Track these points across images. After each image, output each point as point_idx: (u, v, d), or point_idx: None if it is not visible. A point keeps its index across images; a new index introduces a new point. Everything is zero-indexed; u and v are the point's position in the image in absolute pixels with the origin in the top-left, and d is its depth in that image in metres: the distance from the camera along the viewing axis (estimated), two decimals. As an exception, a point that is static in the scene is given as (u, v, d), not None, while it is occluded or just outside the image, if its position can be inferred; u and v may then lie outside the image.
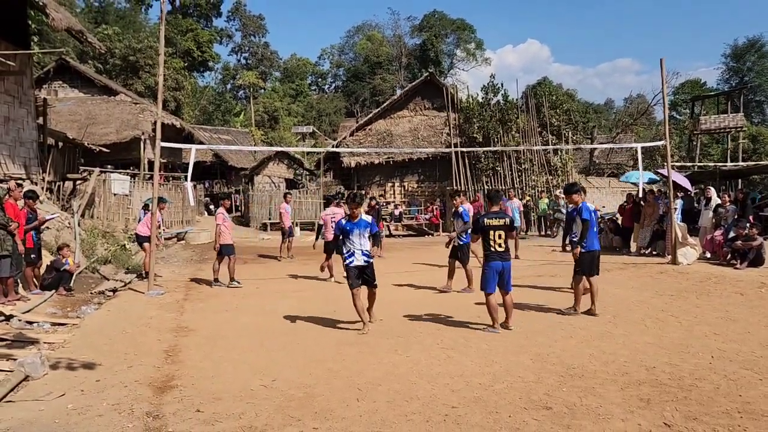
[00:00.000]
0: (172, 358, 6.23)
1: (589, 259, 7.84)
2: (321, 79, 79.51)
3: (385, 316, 8.10)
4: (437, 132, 25.69)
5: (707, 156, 39.45)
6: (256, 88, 61.66)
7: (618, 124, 40.11)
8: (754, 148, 41.07)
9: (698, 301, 8.87)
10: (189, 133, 30.25)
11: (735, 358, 5.91)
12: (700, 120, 32.72)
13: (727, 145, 35.75)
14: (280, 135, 52.78)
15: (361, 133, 26.45)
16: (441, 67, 64.23)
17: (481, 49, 69.91)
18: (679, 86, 48.91)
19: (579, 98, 56.51)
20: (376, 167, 25.59)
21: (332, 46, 79.16)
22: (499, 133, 23.66)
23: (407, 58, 66.69)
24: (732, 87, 52.39)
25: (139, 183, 21.37)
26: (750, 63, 62.55)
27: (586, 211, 7.81)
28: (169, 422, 4.44)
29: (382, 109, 27.11)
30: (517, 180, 23.55)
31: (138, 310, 8.73)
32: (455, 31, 68.13)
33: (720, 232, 13.30)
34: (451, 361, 6.00)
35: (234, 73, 67.90)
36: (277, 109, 56.64)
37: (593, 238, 7.87)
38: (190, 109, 46.95)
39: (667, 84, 13.57)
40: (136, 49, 38.83)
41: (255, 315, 8.37)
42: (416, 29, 68.98)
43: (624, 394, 4.92)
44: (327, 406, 4.75)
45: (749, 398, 4.77)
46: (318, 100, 69.52)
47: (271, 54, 71.70)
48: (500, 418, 4.47)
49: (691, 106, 40.75)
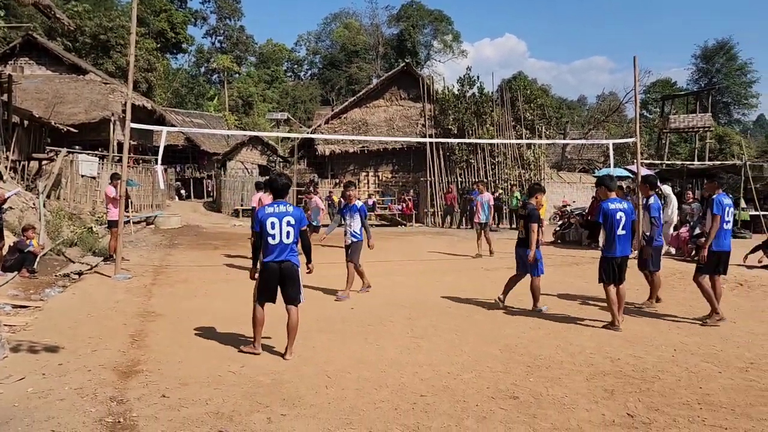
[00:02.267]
0: (138, 342, 6.13)
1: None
2: (297, 65, 78.82)
3: (357, 305, 8.10)
4: (412, 122, 25.71)
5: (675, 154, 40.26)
6: (231, 72, 60.75)
7: (590, 121, 40.70)
8: (720, 148, 42.04)
9: (662, 295, 9.04)
10: (161, 116, 29.73)
11: (696, 351, 6.05)
12: (669, 119, 33.36)
13: (695, 144, 36.51)
14: (254, 121, 52.24)
15: (337, 121, 26.34)
16: (418, 58, 64.18)
17: (458, 41, 70.13)
18: (651, 85, 49.78)
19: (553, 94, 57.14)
20: (351, 156, 25.54)
21: (309, 33, 78.57)
22: (474, 125, 23.76)
23: (384, 47, 66.52)
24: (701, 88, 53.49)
25: (107, 165, 20.94)
26: (719, 65, 63.85)
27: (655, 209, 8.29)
28: (133, 407, 4.37)
29: (357, 97, 27.03)
30: (491, 173, 23.70)
31: (104, 294, 8.57)
32: (432, 22, 68.13)
33: (685, 229, 13.59)
34: (421, 350, 6.03)
35: (208, 56, 66.77)
36: (251, 94, 56.01)
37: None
38: (162, 91, 46.12)
39: (639, 82, 13.77)
40: (107, 27, 37.92)
41: (225, 301, 8.28)
42: (394, 19, 68.83)
43: (589, 385, 5.00)
44: (295, 393, 4.73)
45: (709, 390, 4.89)
46: (293, 86, 68.91)
47: (246, 38, 70.69)
48: (468, 406, 4.50)
49: (661, 105, 41.51)
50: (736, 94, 64.83)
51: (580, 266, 11.97)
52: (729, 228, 7.37)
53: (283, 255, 5.59)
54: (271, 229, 5.53)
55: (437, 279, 10.57)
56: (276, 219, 5.54)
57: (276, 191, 5.80)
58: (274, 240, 5.54)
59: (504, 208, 22.68)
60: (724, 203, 7.28)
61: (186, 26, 57.71)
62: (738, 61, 63.94)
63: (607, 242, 7.05)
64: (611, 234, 6.94)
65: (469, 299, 8.67)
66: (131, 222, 17.10)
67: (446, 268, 11.85)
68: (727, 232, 7.34)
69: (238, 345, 6.01)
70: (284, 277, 5.62)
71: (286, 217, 5.56)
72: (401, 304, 8.26)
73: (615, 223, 6.88)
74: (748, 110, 68.78)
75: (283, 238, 5.56)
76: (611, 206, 6.97)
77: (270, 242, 5.55)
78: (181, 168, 38.18)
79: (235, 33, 69.19)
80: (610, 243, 6.98)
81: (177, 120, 37.02)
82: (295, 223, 5.60)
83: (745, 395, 4.79)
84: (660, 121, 36.30)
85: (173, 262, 11.92)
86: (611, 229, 6.92)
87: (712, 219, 7.18)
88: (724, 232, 7.25)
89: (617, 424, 4.21)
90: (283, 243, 5.57)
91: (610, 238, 6.97)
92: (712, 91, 46.26)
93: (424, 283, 10.16)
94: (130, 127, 10.51)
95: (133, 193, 20.84)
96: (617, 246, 6.93)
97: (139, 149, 28.67)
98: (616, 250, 6.93)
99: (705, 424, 4.23)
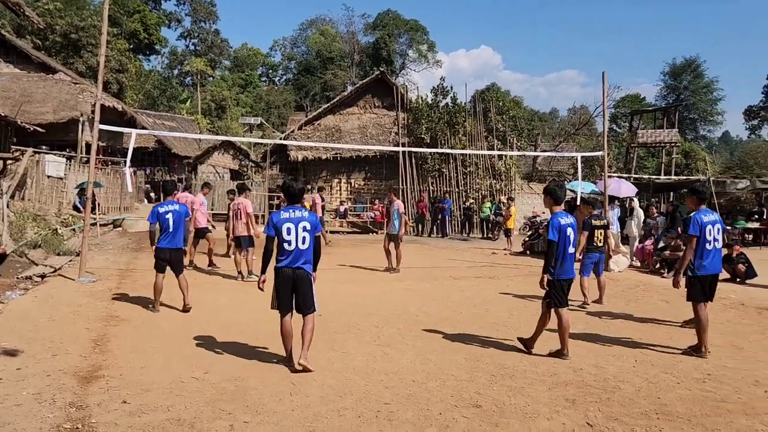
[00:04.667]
0: (100, 347, 6.03)
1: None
2: (272, 70, 78.43)
3: (325, 312, 8.07)
4: (386, 131, 25.76)
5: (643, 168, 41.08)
6: (205, 75, 60.14)
7: (561, 133, 41.28)
8: (686, 164, 43.00)
9: (627, 307, 9.24)
10: (131, 117, 29.24)
11: (657, 362, 6.18)
12: (638, 133, 34.00)
13: (662, 158, 37.31)
14: (227, 125, 51.80)
15: (310, 127, 26.25)
16: (393, 67, 64.43)
17: (433, 51, 70.53)
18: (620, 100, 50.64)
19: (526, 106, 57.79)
20: (324, 162, 25.45)
21: (284, 38, 78.27)
22: (447, 135, 23.92)
23: (359, 55, 66.67)
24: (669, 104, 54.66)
25: (75, 166, 20.55)
26: (686, 82, 65.49)
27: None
28: (93, 413, 4.30)
29: (331, 104, 26.99)
30: (462, 182, 23.89)
31: (67, 297, 8.40)
32: (408, 31, 68.45)
33: (650, 242, 13.88)
34: (387, 358, 6.05)
35: (182, 59, 66.01)
36: (225, 98, 55.53)
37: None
38: (133, 93, 45.43)
39: (608, 97, 14.08)
40: (78, 26, 37.20)
41: (194, 306, 8.16)
42: (370, 27, 69.03)
43: (551, 394, 5.08)
44: (259, 400, 4.70)
45: (667, 400, 5.00)
46: (268, 91, 68.49)
47: (221, 42, 70.10)
48: (431, 415, 4.53)
49: (630, 119, 42.32)
50: (702, 111, 66.50)
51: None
52: (715, 247, 6.48)
53: (298, 262, 5.51)
54: (287, 234, 5.47)
55: (406, 287, 10.60)
56: (292, 224, 5.49)
57: (292, 196, 5.75)
58: (290, 246, 5.49)
59: (474, 217, 22.87)
60: (704, 221, 6.44)
61: (160, 28, 57.03)
62: (704, 78, 65.66)
63: (558, 262, 6.07)
64: (563, 252, 6.07)
65: (438, 307, 8.72)
66: (98, 224, 16.80)
67: (416, 276, 11.90)
68: (712, 252, 6.47)
69: (203, 351, 5.95)
70: (297, 284, 5.52)
71: (302, 223, 5.52)
72: (369, 311, 8.28)
73: (567, 240, 6.09)
74: (713, 127, 70.58)
75: (299, 243, 5.50)
76: (562, 221, 6.09)
77: (286, 248, 5.50)
78: (152, 171, 37.62)
79: (209, 36, 68.58)
80: (562, 262, 6.08)
81: (148, 122, 36.49)
82: (311, 228, 5.57)
83: (702, 406, 4.90)
84: (629, 135, 36.99)
85: (140, 266, 11.73)
86: (563, 246, 6.07)
87: (689, 240, 6.50)
88: (707, 253, 6.44)
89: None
90: (299, 249, 5.51)
91: (561, 257, 6.07)
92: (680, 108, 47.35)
93: (393, 290, 10.19)
94: (99, 129, 10.35)
95: (101, 195, 20.49)
96: (568, 265, 6.16)
97: (108, 151, 28.18)
98: (569, 270, 6.18)
99: (662, 433, 4.32)
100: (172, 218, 8.02)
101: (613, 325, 7.92)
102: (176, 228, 8.05)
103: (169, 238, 8.02)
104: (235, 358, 5.82)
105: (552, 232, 6.04)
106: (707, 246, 6.43)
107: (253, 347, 6.18)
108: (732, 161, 46.66)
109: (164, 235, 8.04)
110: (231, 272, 11.28)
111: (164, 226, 8.03)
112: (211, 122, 50.98)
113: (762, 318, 8.65)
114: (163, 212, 8.04)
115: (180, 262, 8.18)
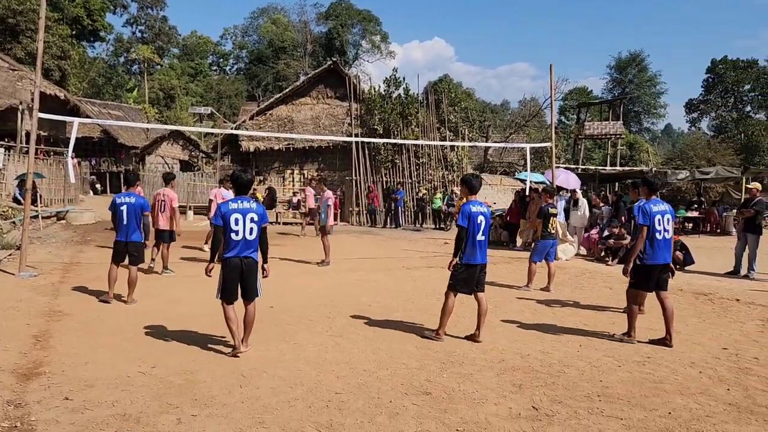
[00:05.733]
0: (41, 343, 5.84)
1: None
2: (222, 59, 77.08)
3: (276, 304, 8.03)
4: (339, 121, 25.64)
5: (590, 159, 42.20)
6: (152, 63, 58.59)
7: (512, 125, 41.96)
8: (631, 155, 44.44)
9: (572, 294, 9.52)
10: (75, 106, 28.25)
11: (600, 346, 6.40)
12: (584, 125, 34.92)
13: (608, 150, 38.40)
14: (176, 114, 50.68)
15: (262, 117, 25.90)
16: (346, 57, 64.20)
17: (387, 42, 70.67)
18: (569, 93, 51.93)
19: (477, 98, 58.53)
20: (276, 153, 25.18)
21: (235, 27, 77.13)
22: (400, 126, 24.00)
23: (312, 45, 66.17)
24: (614, 97, 56.31)
25: (14, 156, 19.75)
26: (631, 75, 67.55)
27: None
28: (32, 411, 4.17)
29: (284, 94, 26.67)
30: (415, 173, 24.04)
31: (6, 292, 8.10)
32: (361, 21, 68.35)
33: (596, 231, 14.30)
34: (339, 348, 6.07)
35: (128, 46, 64.13)
36: (174, 87, 54.29)
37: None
38: (77, 81, 43.90)
39: (556, 89, 14.39)
40: (16, 11, 35.61)
41: (139, 299, 7.99)
42: (322, 17, 68.58)
43: (499, 380, 5.20)
44: (208, 393, 4.65)
45: (608, 383, 5.19)
46: (218, 81, 67.30)
47: (169, 29, 68.35)
48: (381, 403, 4.58)
49: (577, 112, 43.40)
50: (646, 104, 68.87)
51: (498, 265, 12.35)
52: (665, 237, 6.50)
53: (246, 251, 5.60)
54: (235, 225, 5.53)
55: (359, 277, 10.63)
56: (240, 215, 5.55)
57: (240, 187, 5.78)
58: (238, 236, 5.55)
59: (427, 208, 23.07)
60: (653, 211, 6.47)
61: (104, 14, 55.04)
62: (648, 72, 67.87)
63: (467, 248, 6.31)
64: (471, 238, 6.30)
65: (390, 297, 8.79)
66: (40, 217, 16.22)
67: (369, 266, 11.94)
68: (662, 243, 6.49)
69: (151, 345, 5.84)
70: (245, 273, 5.62)
71: (250, 214, 5.57)
72: (321, 302, 8.27)
73: (476, 227, 6.30)
74: (656, 119, 73.31)
75: (246, 234, 5.56)
76: (473, 209, 6.32)
77: (233, 238, 5.55)
78: (97, 161, 36.50)
79: (157, 23, 66.74)
80: (471, 248, 6.31)
81: (93, 111, 35.34)
82: (258, 220, 5.62)
83: (641, 387, 5.11)
84: (576, 127, 37.98)
85: (84, 260, 11.39)
86: (472, 233, 6.29)
87: (640, 230, 6.49)
88: (657, 243, 6.46)
89: (523, 416, 4.40)
90: (246, 239, 5.57)
91: (470, 243, 6.30)
92: (625, 101, 48.83)
93: (346, 281, 10.20)
94: (40, 117, 9.96)
95: (43, 187, 19.76)
96: (478, 252, 6.35)
97: (50, 140, 27.18)
98: (477, 256, 6.35)
99: (603, 414, 4.48)
100: (126, 210, 7.87)
101: (560, 312, 8.15)
102: (129, 220, 7.88)
103: (123, 232, 7.90)
104: (184, 351, 5.73)
105: (462, 219, 6.30)
106: (657, 236, 6.46)
107: (204, 341, 6.10)
108: (673, 153, 48.42)
109: (118, 228, 7.94)
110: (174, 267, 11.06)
111: (119, 217, 7.90)
112: (159, 112, 49.78)
113: (699, 303, 9.04)
114: (119, 203, 7.93)
115: (135, 256, 8.02)
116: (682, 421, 4.38)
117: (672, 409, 4.60)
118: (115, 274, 7.92)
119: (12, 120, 23.05)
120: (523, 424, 4.26)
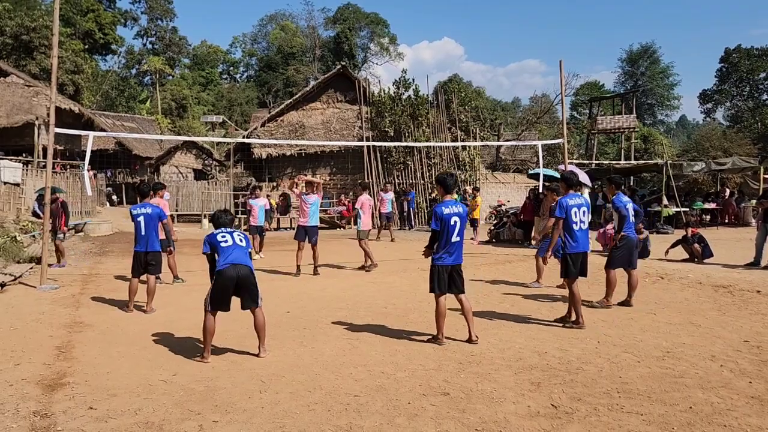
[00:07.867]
0: (64, 354, 5.94)
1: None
2: (232, 67, 77.55)
3: (293, 308, 8.09)
4: (349, 125, 25.74)
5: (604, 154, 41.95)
6: (163, 74, 59.10)
7: (523, 122, 41.81)
8: (645, 148, 44.02)
9: (589, 290, 9.44)
10: (89, 120, 28.63)
11: (618, 342, 6.37)
12: (597, 120, 34.65)
13: (621, 144, 38.12)
14: (189, 124, 51.02)
15: (273, 124, 26.07)
16: (355, 60, 64.35)
17: (395, 43, 70.65)
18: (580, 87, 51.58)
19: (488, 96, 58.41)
20: (288, 159, 25.33)
21: (244, 35, 77.56)
22: (410, 127, 24.03)
23: (321, 49, 66.35)
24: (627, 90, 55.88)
25: (32, 171, 20.05)
26: (643, 68, 66.99)
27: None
28: (58, 421, 4.25)
29: (294, 100, 26.83)
30: (427, 174, 24.03)
31: (28, 306, 8.24)
32: (369, 24, 68.40)
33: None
34: (356, 351, 6.09)
35: (139, 58, 64.74)
36: (185, 97, 54.63)
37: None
38: (90, 94, 44.37)
39: (567, 85, 14.35)
40: (29, 27, 36.15)
41: (158, 309, 8.08)
42: (330, 21, 68.75)
43: (517, 379, 5.19)
44: (228, 399, 4.71)
45: (628, 379, 5.16)
46: (229, 89, 67.69)
47: (179, 39, 68.93)
48: (400, 404, 4.60)
49: (589, 106, 43.11)
50: (659, 96, 68.22)
51: (513, 264, 12.32)
52: (581, 228, 7.10)
53: (237, 259, 5.80)
54: (224, 242, 5.91)
55: (373, 280, 10.66)
56: (228, 235, 6.00)
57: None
58: (227, 243, 5.89)
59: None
60: (569, 204, 7.05)
61: (115, 27, 55.80)
62: (660, 64, 67.28)
63: (439, 248, 6.25)
64: (445, 241, 6.19)
65: (406, 299, 8.80)
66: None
67: (383, 269, 11.95)
68: (579, 233, 7.08)
69: (171, 353, 5.91)
70: (241, 281, 5.78)
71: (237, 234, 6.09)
72: (338, 306, 8.31)
73: (450, 229, 6.15)
74: (670, 111, 72.56)
75: (237, 242, 5.96)
76: (446, 210, 6.17)
77: (223, 246, 5.87)
78: (113, 173, 36.90)
79: (167, 34, 67.35)
80: (443, 250, 6.22)
81: (107, 123, 35.76)
82: (244, 236, 6.12)
83: (661, 382, 5.08)
84: (588, 122, 37.70)
85: (103, 271, 11.54)
86: (446, 234, 6.17)
87: (556, 222, 7.13)
88: (575, 233, 7.05)
89: (542, 414, 4.40)
90: (237, 245, 5.95)
91: (442, 244, 6.22)
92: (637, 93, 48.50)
93: (360, 284, 10.24)
94: (56, 132, 10.12)
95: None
96: (454, 253, 6.25)
97: (66, 154, 27.56)
98: (452, 257, 6.24)
99: (623, 411, 4.46)
100: (143, 221, 8.02)
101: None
102: (148, 231, 8.02)
103: (142, 242, 8.04)
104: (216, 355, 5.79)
105: (434, 222, 6.18)
106: (574, 227, 7.07)
107: (221, 348, 6.15)
108: (689, 144, 47.90)
109: (137, 238, 8.08)
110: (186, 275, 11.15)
111: (137, 228, 8.05)
112: (172, 122, 50.14)
113: (718, 296, 8.95)
114: (135, 215, 8.09)
115: (153, 265, 8.14)
116: (703, 415, 4.35)
117: (693, 404, 4.57)
118: (135, 287, 8.06)
119: (29, 135, 23.42)
120: (543, 422, 4.26)
